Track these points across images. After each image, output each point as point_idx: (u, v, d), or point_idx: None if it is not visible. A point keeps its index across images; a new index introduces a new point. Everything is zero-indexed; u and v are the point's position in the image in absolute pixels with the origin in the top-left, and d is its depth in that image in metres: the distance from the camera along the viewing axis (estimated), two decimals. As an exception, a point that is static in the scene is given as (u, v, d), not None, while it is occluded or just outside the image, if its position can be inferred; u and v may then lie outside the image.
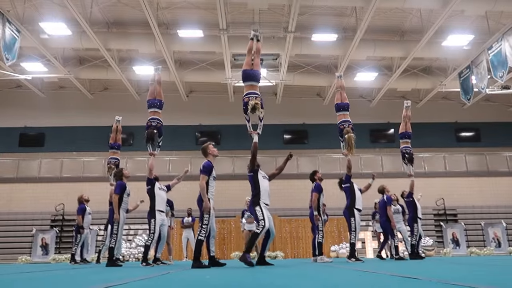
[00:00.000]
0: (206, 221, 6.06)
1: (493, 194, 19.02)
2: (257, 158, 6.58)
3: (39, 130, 20.75)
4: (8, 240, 17.12)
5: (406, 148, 10.59)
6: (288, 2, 13.55)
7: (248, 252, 5.96)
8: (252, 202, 6.35)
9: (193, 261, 6.07)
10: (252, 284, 3.00)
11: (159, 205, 8.10)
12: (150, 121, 8.54)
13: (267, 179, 6.62)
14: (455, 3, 12.74)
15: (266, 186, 6.44)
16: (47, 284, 3.45)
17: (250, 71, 6.93)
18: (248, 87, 6.84)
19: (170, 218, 10.75)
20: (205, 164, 6.22)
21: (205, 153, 6.42)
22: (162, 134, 8.67)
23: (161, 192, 8.31)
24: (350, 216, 8.55)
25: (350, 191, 8.73)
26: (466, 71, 16.42)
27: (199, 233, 6.02)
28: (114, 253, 7.91)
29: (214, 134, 20.89)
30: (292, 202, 18.15)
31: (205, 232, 6.03)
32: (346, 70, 17.87)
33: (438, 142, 20.66)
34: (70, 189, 18.59)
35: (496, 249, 16.21)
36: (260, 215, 6.12)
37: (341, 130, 9.00)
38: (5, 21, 13.14)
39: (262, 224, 6.01)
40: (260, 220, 6.07)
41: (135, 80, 19.90)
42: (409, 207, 10.38)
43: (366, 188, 9.87)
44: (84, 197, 11.20)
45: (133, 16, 15.73)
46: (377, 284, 2.83)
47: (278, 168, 7.13)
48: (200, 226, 6.07)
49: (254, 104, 6.48)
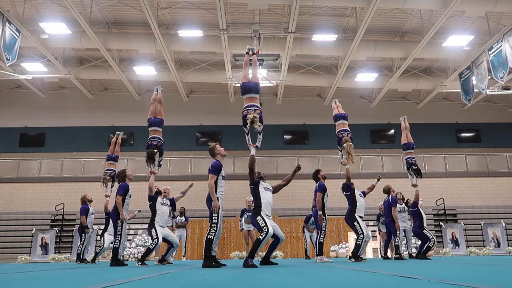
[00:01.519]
0: (215, 220, 6.08)
1: (492, 194, 19.05)
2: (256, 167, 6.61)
3: (40, 130, 20.77)
4: (8, 239, 17.13)
5: (411, 159, 10.53)
6: (288, 2, 13.54)
7: (251, 258, 5.95)
8: (253, 214, 6.35)
9: (204, 261, 6.08)
10: (252, 284, 3.00)
11: (159, 220, 8.18)
12: (150, 140, 8.59)
13: (270, 190, 6.56)
14: (456, 3, 12.74)
15: (267, 198, 6.39)
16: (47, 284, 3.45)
17: (249, 84, 6.89)
18: (248, 100, 6.81)
19: (172, 218, 10.76)
20: (214, 164, 6.23)
21: (213, 153, 6.43)
22: (163, 153, 8.71)
23: (163, 207, 8.39)
24: (352, 221, 8.60)
25: (352, 199, 8.76)
26: (467, 72, 16.42)
27: (209, 232, 6.04)
28: (118, 253, 7.92)
29: (215, 135, 20.90)
30: (292, 202, 18.18)
31: (215, 231, 6.04)
32: (347, 71, 17.90)
33: (439, 142, 20.69)
34: (70, 189, 18.66)
35: (495, 249, 16.21)
36: (262, 223, 6.10)
37: (340, 139, 9.03)
38: (5, 21, 13.14)
39: (266, 231, 5.99)
40: (263, 227, 6.05)
41: (135, 80, 19.92)
42: (415, 217, 10.37)
43: (369, 189, 9.92)
44: (87, 197, 11.26)
45: (133, 16, 15.74)
46: (377, 284, 2.83)
47: (285, 180, 7.11)
48: (210, 225, 6.08)
49: (253, 117, 6.46)
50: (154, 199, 8.27)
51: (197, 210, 17.44)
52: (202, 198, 18.34)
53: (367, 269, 4.92)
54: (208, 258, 6.02)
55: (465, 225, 17.11)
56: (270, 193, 6.54)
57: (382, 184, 10.57)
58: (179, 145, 19.94)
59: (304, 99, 21.36)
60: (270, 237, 6.08)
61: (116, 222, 8.05)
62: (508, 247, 16.18)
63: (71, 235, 16.85)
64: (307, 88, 20.91)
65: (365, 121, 20.54)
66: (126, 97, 20.63)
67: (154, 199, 8.26)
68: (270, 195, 6.54)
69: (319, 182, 8.44)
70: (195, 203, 17.83)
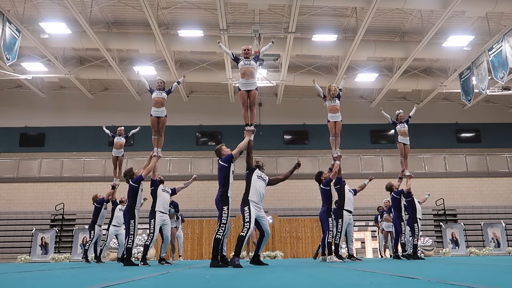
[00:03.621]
0: (225, 220, 6.06)
1: (492, 194, 19.04)
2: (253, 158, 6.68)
3: (40, 130, 20.78)
4: (8, 239, 17.13)
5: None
6: (288, 2, 13.54)
7: (237, 256, 5.93)
8: (242, 200, 6.29)
9: (211, 260, 6.06)
10: (252, 284, 3.00)
11: (159, 206, 8.20)
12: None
13: (264, 180, 6.52)
14: (456, 4, 12.74)
15: (258, 187, 6.34)
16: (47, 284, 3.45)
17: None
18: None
19: (176, 220, 10.79)
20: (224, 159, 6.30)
21: (220, 154, 6.48)
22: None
23: (163, 194, 8.41)
24: (338, 217, 8.57)
25: (341, 192, 8.77)
26: (467, 72, 16.42)
27: (217, 232, 5.99)
28: (132, 253, 7.91)
29: (215, 135, 20.91)
30: (292, 202, 18.18)
31: (223, 231, 6.01)
32: (347, 71, 17.89)
33: (439, 142, 20.70)
34: (70, 189, 18.67)
35: (495, 249, 16.21)
36: (247, 216, 6.05)
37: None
38: (5, 21, 13.14)
39: (247, 227, 5.97)
40: (246, 222, 6.02)
41: (136, 80, 19.91)
42: (409, 207, 10.31)
43: (361, 187, 9.96)
44: (99, 196, 11.35)
45: (133, 16, 15.74)
46: (377, 284, 2.83)
47: (284, 175, 7.09)
48: (218, 225, 6.05)
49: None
50: (156, 185, 8.28)
51: (197, 210, 17.44)
52: (202, 198, 18.52)
53: (367, 269, 4.92)
54: (216, 258, 6.00)
55: (465, 225, 17.11)
56: (263, 183, 6.49)
57: (383, 186, 10.55)
58: (179, 145, 19.95)
59: (304, 99, 21.36)
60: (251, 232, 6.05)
61: (128, 222, 7.97)
62: (508, 247, 16.18)
63: (71, 235, 16.85)
64: (307, 88, 20.88)
65: (365, 121, 20.54)
66: (126, 97, 20.63)
67: (156, 185, 8.28)
68: (263, 184, 6.48)
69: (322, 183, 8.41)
70: (195, 203, 17.84)
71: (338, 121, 8.84)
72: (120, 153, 11.46)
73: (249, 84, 7.02)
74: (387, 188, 10.40)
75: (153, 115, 8.55)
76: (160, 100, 8.56)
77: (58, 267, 7.70)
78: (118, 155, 11.45)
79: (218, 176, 6.28)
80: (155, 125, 8.56)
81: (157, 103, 8.53)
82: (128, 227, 8.00)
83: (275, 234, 16.52)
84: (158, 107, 8.53)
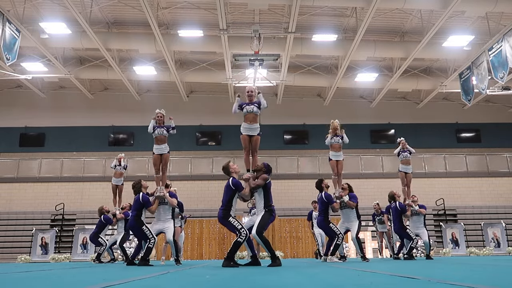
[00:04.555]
0: (239, 226, 6.13)
1: (492, 194, 19.04)
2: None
3: (40, 130, 20.78)
4: (8, 239, 17.13)
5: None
6: (288, 2, 13.54)
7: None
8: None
9: (224, 260, 6.14)
10: (251, 284, 3.00)
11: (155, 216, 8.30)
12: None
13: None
14: (456, 4, 12.74)
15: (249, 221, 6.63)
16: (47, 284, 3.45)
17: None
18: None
19: (180, 220, 10.81)
20: (234, 182, 6.26)
21: (228, 172, 6.47)
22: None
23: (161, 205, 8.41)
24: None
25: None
26: (467, 72, 16.42)
27: (239, 236, 6.06)
28: (151, 252, 7.90)
29: (215, 135, 20.91)
30: (292, 202, 18.16)
31: (245, 235, 6.07)
32: (347, 71, 17.90)
33: (439, 142, 20.69)
34: (70, 189, 18.67)
35: (495, 249, 16.20)
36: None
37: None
38: (5, 21, 13.14)
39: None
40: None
41: (135, 80, 19.92)
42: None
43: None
44: (105, 208, 11.25)
45: (133, 16, 15.74)
46: (377, 284, 2.83)
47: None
48: (238, 232, 6.11)
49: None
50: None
51: (197, 210, 17.43)
52: (202, 198, 18.49)
53: (367, 269, 4.92)
54: (230, 259, 6.07)
55: (465, 225, 17.10)
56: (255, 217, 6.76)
57: (383, 186, 10.54)
58: (179, 145, 19.88)
59: (304, 99, 21.36)
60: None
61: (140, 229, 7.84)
62: (508, 247, 16.17)
63: (71, 235, 16.84)
64: (307, 88, 20.91)
65: (365, 121, 20.54)
66: (126, 97, 20.62)
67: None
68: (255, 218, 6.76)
69: (323, 191, 8.27)
70: (195, 203, 17.83)
71: (340, 161, 8.83)
72: (119, 182, 11.41)
73: (252, 129, 7.04)
74: (390, 197, 10.30)
75: (156, 153, 8.41)
76: (162, 138, 8.47)
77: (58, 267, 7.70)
78: (118, 184, 11.39)
79: (223, 193, 6.29)
80: (157, 163, 8.42)
81: (159, 140, 8.43)
82: (142, 234, 7.85)
83: (275, 234, 16.52)
84: (160, 144, 8.43)
